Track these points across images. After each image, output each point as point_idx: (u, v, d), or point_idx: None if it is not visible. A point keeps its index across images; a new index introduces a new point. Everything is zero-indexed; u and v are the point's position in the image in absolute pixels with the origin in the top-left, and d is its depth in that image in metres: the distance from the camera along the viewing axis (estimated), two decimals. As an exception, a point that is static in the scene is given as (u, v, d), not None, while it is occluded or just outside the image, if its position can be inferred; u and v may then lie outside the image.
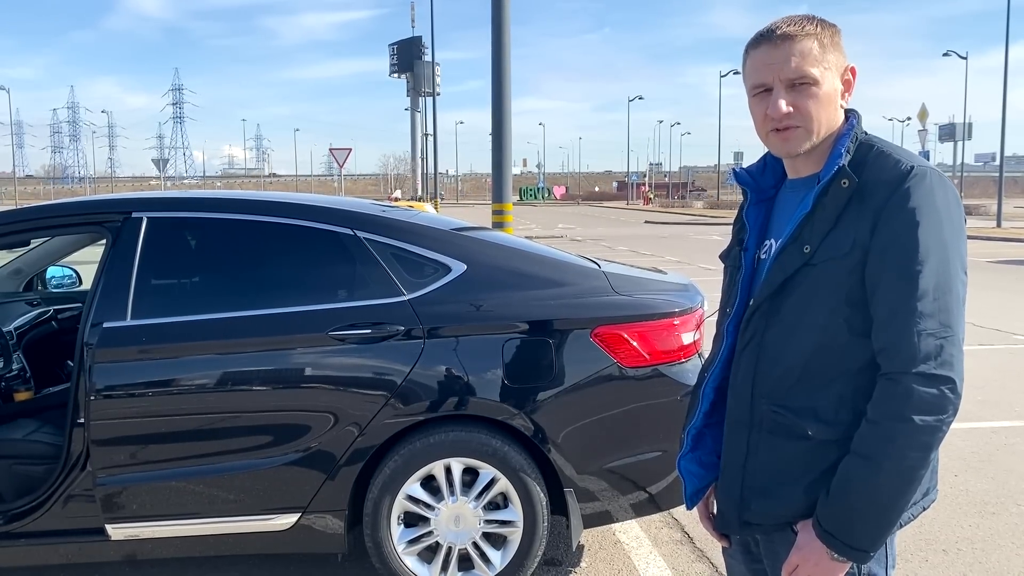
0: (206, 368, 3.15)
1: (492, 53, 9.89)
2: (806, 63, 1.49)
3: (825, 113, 1.52)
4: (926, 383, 1.39)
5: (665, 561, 3.65)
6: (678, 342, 3.24)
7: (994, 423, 5.64)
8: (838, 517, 1.46)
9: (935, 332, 1.39)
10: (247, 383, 3.14)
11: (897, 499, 1.43)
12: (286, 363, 3.14)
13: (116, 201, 3.52)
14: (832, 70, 1.52)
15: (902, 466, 1.41)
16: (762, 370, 1.57)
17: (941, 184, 1.45)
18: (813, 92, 1.50)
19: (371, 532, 3.16)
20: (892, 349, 1.42)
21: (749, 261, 1.68)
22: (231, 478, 3.13)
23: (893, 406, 1.40)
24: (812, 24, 1.52)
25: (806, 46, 1.49)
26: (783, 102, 1.50)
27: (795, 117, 1.51)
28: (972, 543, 3.79)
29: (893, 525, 1.46)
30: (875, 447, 1.42)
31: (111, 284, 3.18)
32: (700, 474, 1.76)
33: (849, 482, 1.44)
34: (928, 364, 1.39)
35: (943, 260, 1.41)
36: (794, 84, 1.50)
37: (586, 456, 3.19)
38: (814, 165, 1.56)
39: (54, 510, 3.15)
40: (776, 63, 1.51)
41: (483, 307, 3.19)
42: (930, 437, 1.40)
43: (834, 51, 1.52)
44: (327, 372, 3.14)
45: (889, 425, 1.40)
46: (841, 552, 1.46)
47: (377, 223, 3.37)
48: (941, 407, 1.39)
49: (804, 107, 1.50)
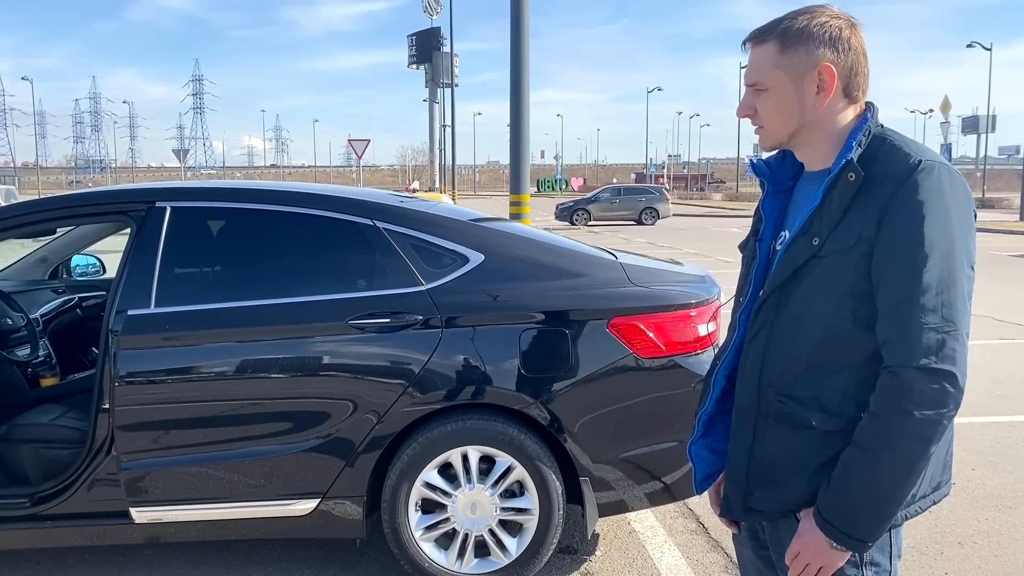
0: (228, 355, 3.20)
1: (511, 44, 9.89)
2: (758, 70, 1.59)
3: (785, 115, 1.58)
4: (927, 377, 1.40)
5: (680, 551, 3.68)
6: (694, 333, 3.25)
7: (1013, 417, 5.61)
8: (837, 507, 1.48)
9: (937, 327, 1.40)
10: (268, 370, 3.19)
11: (896, 491, 1.45)
12: (306, 351, 3.19)
13: (140, 191, 3.58)
14: (789, 71, 1.54)
15: (901, 459, 1.42)
16: (770, 360, 1.59)
17: (950, 178, 1.45)
18: (764, 96, 1.59)
19: (389, 518, 3.21)
20: (894, 342, 1.43)
21: (764, 252, 1.70)
22: (252, 464, 3.19)
23: (893, 399, 1.42)
24: (780, 24, 1.56)
25: (762, 52, 1.58)
26: (742, 106, 1.63)
27: (756, 118, 1.62)
28: (988, 536, 3.79)
29: (892, 517, 1.48)
30: (875, 439, 1.43)
31: (135, 272, 3.24)
32: (710, 460, 1.79)
33: (849, 473, 1.46)
34: (929, 358, 1.40)
35: (948, 255, 1.42)
36: (755, 88, 1.60)
37: (602, 445, 3.21)
38: (827, 158, 1.58)
39: (79, 493, 3.21)
40: (747, 66, 1.63)
41: (500, 297, 3.22)
42: (930, 431, 1.41)
43: (797, 50, 1.53)
44: (346, 360, 3.19)
45: (889, 418, 1.42)
46: (840, 541, 1.48)
47: (396, 213, 3.40)
48: (941, 401, 1.40)
49: (761, 109, 1.61)
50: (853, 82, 1.56)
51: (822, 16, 1.54)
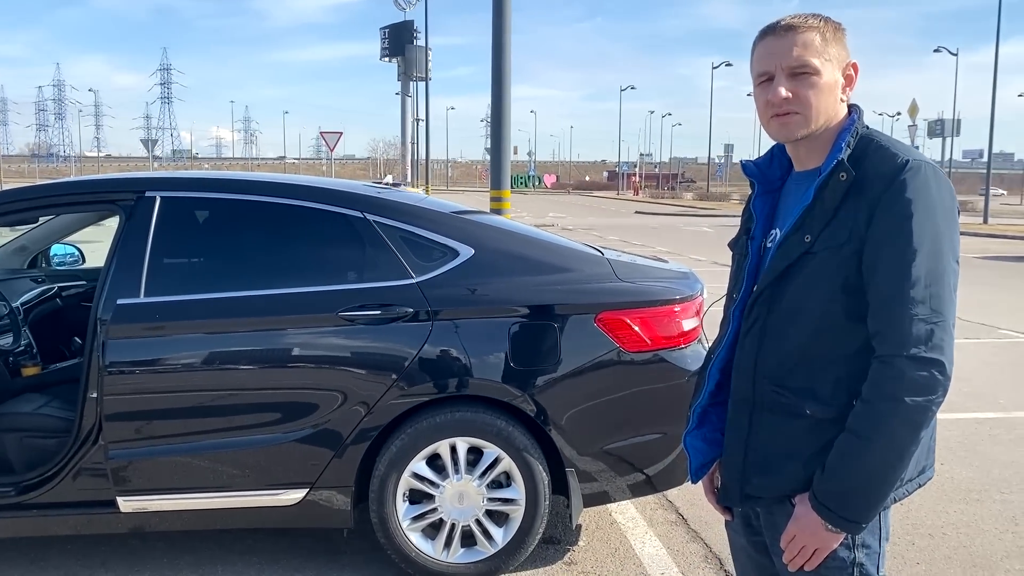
0: (218, 345, 3.21)
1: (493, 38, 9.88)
2: (807, 53, 1.58)
3: (823, 102, 1.60)
4: (917, 365, 1.48)
5: (660, 541, 3.75)
6: (679, 328, 3.32)
7: (979, 414, 5.77)
8: (833, 491, 1.55)
9: (926, 317, 1.48)
10: (258, 360, 3.21)
11: (888, 474, 1.53)
12: (296, 342, 3.21)
13: (129, 180, 3.57)
14: (833, 62, 1.60)
15: (893, 443, 1.50)
16: (764, 353, 1.66)
17: (936, 177, 1.53)
18: (812, 81, 1.59)
19: (377, 508, 3.24)
20: (885, 333, 1.51)
21: (755, 249, 1.77)
22: (241, 453, 3.20)
23: (885, 387, 1.50)
24: (816, 19, 1.62)
25: (808, 37, 1.59)
26: (783, 88, 1.60)
27: (794, 103, 1.60)
28: (957, 528, 3.91)
29: (884, 499, 1.56)
30: (868, 425, 1.51)
31: (125, 261, 3.24)
32: (704, 450, 1.85)
33: (843, 458, 1.53)
34: (919, 347, 1.48)
35: (936, 249, 1.50)
36: (795, 72, 1.59)
37: (587, 437, 3.27)
38: (817, 158, 1.65)
39: (66, 482, 3.21)
40: (779, 52, 1.61)
41: (489, 291, 3.27)
42: (920, 416, 1.49)
43: (836, 45, 1.61)
44: (336, 352, 3.21)
45: (881, 405, 1.50)
46: (835, 523, 1.56)
47: (387, 206, 3.43)
48: (931, 388, 1.48)
49: (803, 95, 1.59)
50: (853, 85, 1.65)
51: (830, 19, 1.63)
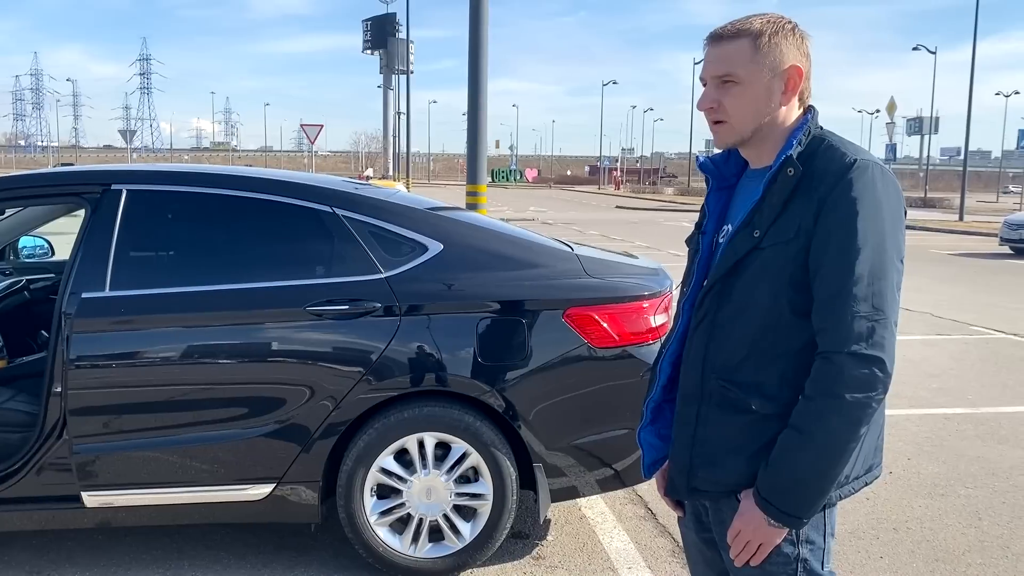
0: (184, 340, 3.19)
1: (470, 31, 9.85)
2: (731, 63, 1.61)
3: (750, 110, 1.62)
4: (857, 362, 1.50)
5: (628, 535, 3.78)
6: (647, 324, 3.34)
7: (947, 410, 5.83)
8: (774, 486, 1.57)
9: (868, 315, 1.51)
10: (225, 355, 3.19)
11: (828, 470, 1.55)
12: (264, 337, 3.20)
13: (95, 173, 3.53)
14: (764, 69, 1.61)
15: (833, 440, 1.52)
16: (713, 347, 1.67)
17: (882, 177, 1.55)
18: (736, 91, 1.62)
19: (344, 503, 3.24)
20: (828, 330, 1.53)
21: (707, 244, 1.78)
22: (207, 448, 3.19)
23: (826, 383, 1.52)
24: (758, 22, 1.62)
25: (735, 47, 1.61)
26: (707, 98, 1.65)
27: (720, 112, 1.64)
28: (921, 522, 3.96)
29: (825, 494, 1.58)
30: (809, 421, 1.53)
31: (90, 255, 3.21)
32: (658, 445, 1.86)
33: (785, 453, 1.56)
34: (860, 344, 1.50)
35: (879, 248, 1.52)
36: (722, 81, 1.62)
37: (555, 432, 3.29)
38: (769, 157, 1.66)
39: (29, 477, 3.18)
40: (710, 62, 1.65)
41: (458, 286, 3.27)
42: (860, 412, 1.51)
43: (774, 51, 1.61)
44: (304, 347, 3.20)
45: (822, 401, 1.52)
46: (777, 518, 1.58)
47: (355, 201, 3.42)
48: (871, 385, 1.51)
49: (727, 104, 1.63)
50: (807, 86, 1.66)
51: (787, 22, 1.63)
